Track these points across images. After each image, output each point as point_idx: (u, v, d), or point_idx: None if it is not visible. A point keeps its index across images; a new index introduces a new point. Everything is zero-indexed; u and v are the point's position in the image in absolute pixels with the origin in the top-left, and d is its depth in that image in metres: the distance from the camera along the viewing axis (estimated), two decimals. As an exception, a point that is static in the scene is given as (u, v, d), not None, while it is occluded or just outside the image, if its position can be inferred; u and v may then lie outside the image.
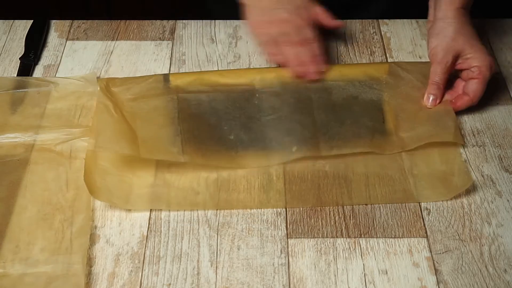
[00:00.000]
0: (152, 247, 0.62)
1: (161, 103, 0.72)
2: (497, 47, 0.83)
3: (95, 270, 0.60)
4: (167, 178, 0.67)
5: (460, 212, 0.64)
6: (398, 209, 0.64)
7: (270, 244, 0.62)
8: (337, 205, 0.65)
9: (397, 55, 0.81)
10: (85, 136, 0.70)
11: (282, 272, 0.59)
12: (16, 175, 0.66)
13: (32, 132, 0.70)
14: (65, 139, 0.70)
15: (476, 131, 0.72)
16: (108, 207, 0.65)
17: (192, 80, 0.74)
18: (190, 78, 0.75)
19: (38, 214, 0.63)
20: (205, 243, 0.62)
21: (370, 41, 0.83)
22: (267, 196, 0.65)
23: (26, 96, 0.75)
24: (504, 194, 0.66)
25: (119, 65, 0.80)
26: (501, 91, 0.77)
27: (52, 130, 0.71)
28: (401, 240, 0.62)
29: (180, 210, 0.64)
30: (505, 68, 0.80)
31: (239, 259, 0.61)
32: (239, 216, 0.64)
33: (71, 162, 0.68)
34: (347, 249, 0.61)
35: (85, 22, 0.87)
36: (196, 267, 0.60)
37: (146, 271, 0.60)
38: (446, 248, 0.61)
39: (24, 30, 0.85)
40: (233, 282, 0.59)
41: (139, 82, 0.74)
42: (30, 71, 0.79)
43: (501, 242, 0.62)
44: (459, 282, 0.59)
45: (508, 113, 0.74)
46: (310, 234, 0.62)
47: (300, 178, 0.67)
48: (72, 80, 0.76)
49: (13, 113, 0.73)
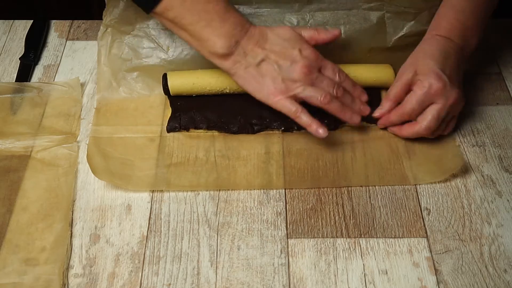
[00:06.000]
0: (152, 247, 0.62)
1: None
2: (497, 47, 0.83)
3: (95, 270, 0.60)
4: (168, 160, 0.68)
5: (460, 212, 0.64)
6: (398, 209, 0.64)
7: (270, 244, 0.62)
8: (333, 186, 0.66)
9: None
10: (68, 143, 0.70)
11: (282, 272, 0.59)
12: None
13: (13, 139, 0.70)
14: (47, 146, 0.69)
15: (476, 131, 0.72)
16: (108, 207, 0.65)
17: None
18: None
19: (17, 224, 0.62)
20: (205, 243, 0.62)
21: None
22: (267, 176, 0.67)
23: (8, 102, 0.74)
24: (504, 194, 0.66)
25: (119, 65, 0.80)
26: (501, 91, 0.77)
27: (34, 136, 0.70)
28: (401, 240, 0.62)
29: (182, 190, 0.66)
30: (505, 68, 0.80)
31: (239, 259, 0.60)
32: (239, 216, 0.64)
33: (51, 169, 0.67)
34: (347, 249, 0.61)
35: (85, 22, 0.87)
36: (196, 267, 0.60)
37: (146, 271, 0.60)
38: (446, 248, 0.61)
39: (24, 30, 0.85)
40: (233, 282, 0.59)
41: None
42: (30, 71, 0.79)
43: (501, 242, 0.62)
44: (459, 282, 0.59)
45: (508, 113, 0.74)
46: (310, 234, 0.62)
47: (298, 160, 0.68)
48: (56, 86, 0.76)
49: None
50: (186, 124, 0.71)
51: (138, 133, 0.71)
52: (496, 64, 0.80)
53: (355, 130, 0.71)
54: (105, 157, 0.68)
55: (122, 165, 0.67)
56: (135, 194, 0.66)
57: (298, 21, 0.75)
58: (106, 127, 0.72)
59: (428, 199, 0.65)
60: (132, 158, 0.68)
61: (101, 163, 0.67)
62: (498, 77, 0.78)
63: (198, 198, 0.66)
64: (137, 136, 0.71)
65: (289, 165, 0.68)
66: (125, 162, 0.68)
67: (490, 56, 0.81)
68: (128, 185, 0.66)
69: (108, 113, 0.73)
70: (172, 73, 0.73)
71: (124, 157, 0.68)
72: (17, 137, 0.70)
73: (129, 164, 0.68)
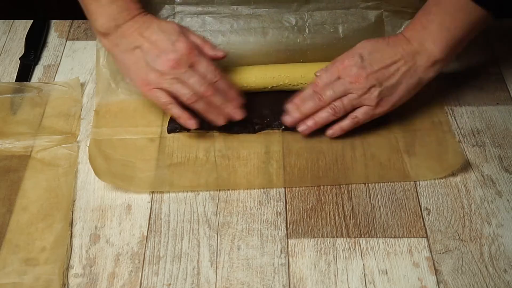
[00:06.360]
0: (152, 247, 0.62)
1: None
2: (497, 47, 0.83)
3: (95, 270, 0.60)
4: (169, 160, 0.68)
5: (460, 212, 0.64)
6: (398, 209, 0.64)
7: (270, 244, 0.62)
8: (334, 184, 0.66)
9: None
10: (68, 143, 0.70)
11: (282, 272, 0.59)
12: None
13: (13, 139, 0.70)
14: (47, 146, 0.69)
15: (476, 131, 0.72)
16: (108, 207, 0.65)
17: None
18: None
19: (17, 224, 0.62)
20: (205, 243, 0.62)
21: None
22: (267, 176, 0.67)
23: (8, 102, 0.74)
24: (504, 194, 0.66)
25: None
26: (501, 91, 0.77)
27: (34, 136, 0.70)
28: (401, 240, 0.62)
29: (183, 191, 0.66)
30: (505, 68, 0.80)
31: (239, 259, 0.60)
32: (239, 216, 0.64)
33: (51, 169, 0.67)
34: (347, 249, 0.61)
35: (85, 22, 0.87)
36: (196, 267, 0.60)
37: (146, 271, 0.60)
38: (446, 248, 0.61)
39: (24, 30, 0.85)
40: (233, 282, 0.59)
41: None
42: (30, 71, 0.79)
43: (501, 242, 0.62)
44: (459, 282, 0.59)
45: (508, 113, 0.74)
46: (310, 234, 0.62)
47: (298, 158, 0.68)
48: (56, 86, 0.76)
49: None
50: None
51: (138, 134, 0.71)
52: (496, 64, 0.80)
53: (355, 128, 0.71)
54: (106, 159, 0.68)
55: (124, 167, 0.67)
56: (135, 194, 0.66)
57: (296, 21, 0.75)
58: (106, 129, 0.72)
59: (428, 199, 0.65)
60: (133, 159, 0.68)
61: (103, 165, 0.67)
62: (498, 77, 0.78)
63: (198, 198, 0.66)
64: (137, 138, 0.71)
65: (289, 164, 0.68)
66: (126, 163, 0.68)
67: (490, 56, 0.81)
68: (130, 187, 0.66)
69: (108, 114, 0.73)
70: None
71: (125, 158, 0.68)
72: (17, 137, 0.70)
73: (130, 165, 0.68)
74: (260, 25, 0.75)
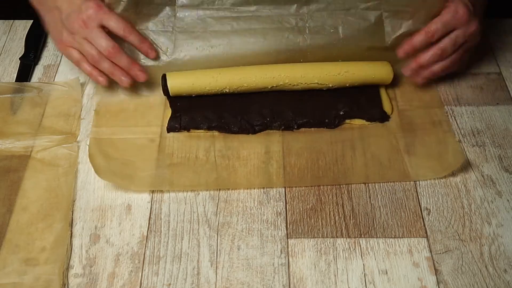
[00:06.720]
0: (152, 247, 0.62)
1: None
2: (497, 47, 0.83)
3: (95, 270, 0.60)
4: (168, 160, 0.68)
5: (460, 212, 0.64)
6: (398, 209, 0.64)
7: (270, 244, 0.62)
8: (334, 184, 0.66)
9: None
10: (68, 143, 0.70)
11: (282, 272, 0.59)
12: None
13: (13, 139, 0.70)
14: (47, 146, 0.69)
15: (476, 131, 0.72)
16: (108, 207, 0.65)
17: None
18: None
19: (17, 224, 0.62)
20: (205, 243, 0.62)
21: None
22: (267, 176, 0.67)
23: (8, 102, 0.74)
24: (504, 194, 0.66)
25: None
26: (501, 91, 0.77)
27: (34, 136, 0.70)
28: (401, 240, 0.62)
29: (183, 190, 0.66)
30: (505, 68, 0.80)
31: (239, 259, 0.60)
32: (239, 216, 0.64)
33: (51, 169, 0.67)
34: (347, 249, 0.61)
35: (85, 22, 0.87)
36: (196, 267, 0.60)
37: (146, 271, 0.60)
38: (446, 248, 0.61)
39: (24, 30, 0.85)
40: (233, 282, 0.59)
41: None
42: (30, 71, 0.79)
43: (501, 242, 0.62)
44: (459, 282, 0.59)
45: (508, 113, 0.74)
46: (310, 234, 0.62)
47: (298, 158, 0.68)
48: (56, 86, 0.76)
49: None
50: (186, 124, 0.71)
51: (138, 134, 0.71)
52: (496, 64, 0.80)
53: (355, 128, 0.71)
54: (106, 158, 0.68)
55: (124, 166, 0.67)
56: (135, 194, 0.66)
57: (296, 22, 0.75)
58: (106, 128, 0.72)
59: (428, 199, 0.65)
60: (133, 158, 0.68)
61: (103, 163, 0.67)
62: (498, 77, 0.78)
63: (198, 198, 0.66)
64: (137, 137, 0.71)
65: (289, 164, 0.68)
66: (126, 162, 0.68)
67: (490, 56, 0.81)
68: (131, 186, 0.66)
69: (108, 114, 0.73)
70: (171, 74, 0.73)
71: (125, 157, 0.68)
72: (17, 137, 0.70)
73: (130, 165, 0.68)
74: (261, 26, 0.75)
